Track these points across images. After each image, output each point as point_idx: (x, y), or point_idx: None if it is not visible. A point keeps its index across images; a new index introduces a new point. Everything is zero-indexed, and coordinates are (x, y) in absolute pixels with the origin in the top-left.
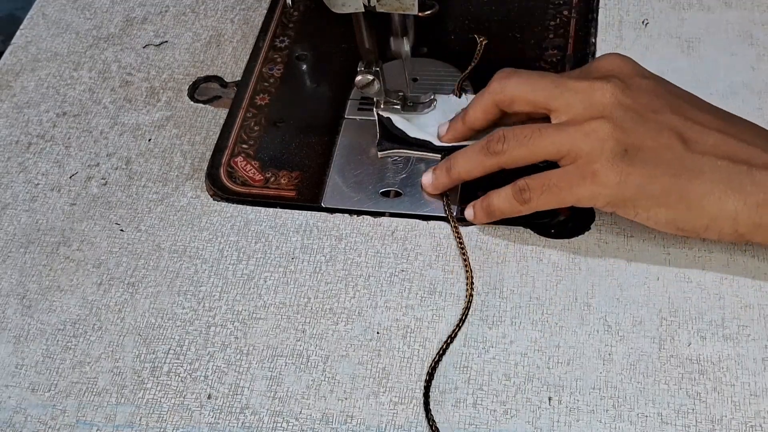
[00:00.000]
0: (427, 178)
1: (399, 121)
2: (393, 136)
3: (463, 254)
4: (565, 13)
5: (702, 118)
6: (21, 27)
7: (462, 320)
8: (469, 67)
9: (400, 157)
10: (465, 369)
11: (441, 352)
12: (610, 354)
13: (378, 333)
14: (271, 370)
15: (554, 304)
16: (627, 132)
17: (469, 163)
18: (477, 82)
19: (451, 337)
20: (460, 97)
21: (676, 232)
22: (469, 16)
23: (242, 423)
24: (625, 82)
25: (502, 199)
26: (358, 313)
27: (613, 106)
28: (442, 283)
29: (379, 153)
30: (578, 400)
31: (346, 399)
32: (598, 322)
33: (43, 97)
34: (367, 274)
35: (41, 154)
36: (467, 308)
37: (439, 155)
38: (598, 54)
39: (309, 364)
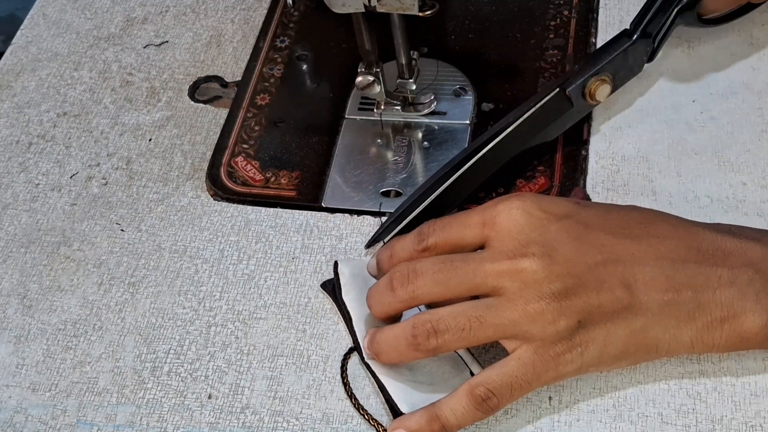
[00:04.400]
0: (366, 347)
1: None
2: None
3: None
4: (565, 13)
5: (631, 249)
6: (21, 27)
7: None
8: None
9: (400, 157)
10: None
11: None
12: None
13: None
14: (271, 369)
15: None
16: (572, 302)
17: (395, 355)
18: (477, 83)
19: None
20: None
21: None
22: (469, 16)
23: (243, 423)
24: (545, 245)
25: (459, 412)
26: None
27: (548, 281)
28: None
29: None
30: (578, 400)
31: (346, 399)
32: None
33: (44, 97)
34: None
35: (42, 154)
36: None
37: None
38: None
39: (309, 363)
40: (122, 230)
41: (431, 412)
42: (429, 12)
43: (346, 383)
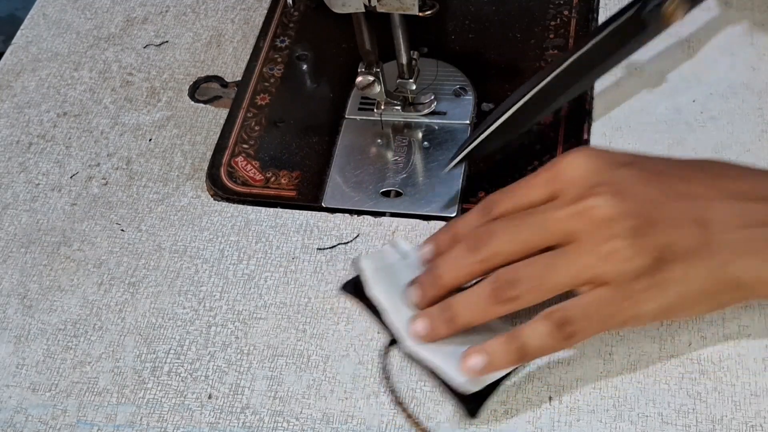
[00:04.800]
0: (420, 327)
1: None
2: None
3: None
4: (565, 13)
5: (701, 189)
6: (21, 27)
7: None
8: None
9: (400, 157)
10: None
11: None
12: (610, 354)
13: (378, 333)
14: (271, 369)
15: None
16: (646, 239)
17: (475, 313)
18: (477, 83)
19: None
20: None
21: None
22: (469, 16)
23: (243, 423)
24: (613, 185)
25: (538, 337)
26: (359, 312)
27: (620, 219)
28: None
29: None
30: (578, 400)
31: (346, 399)
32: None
33: (44, 97)
34: None
35: (42, 154)
36: None
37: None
38: None
39: (309, 363)
40: (122, 230)
41: (509, 335)
42: (429, 12)
43: (387, 377)
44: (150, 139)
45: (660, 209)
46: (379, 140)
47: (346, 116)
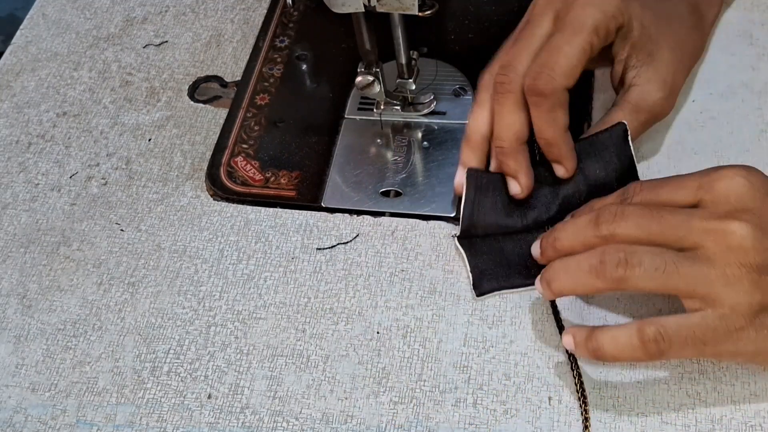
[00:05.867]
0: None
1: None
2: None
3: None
4: None
5: None
6: (21, 27)
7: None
8: None
9: (399, 156)
10: (465, 369)
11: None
12: None
13: (378, 333)
14: (271, 369)
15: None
16: None
17: (575, 284)
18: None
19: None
20: None
21: None
22: (469, 16)
23: (242, 423)
24: (761, 216)
25: (620, 346)
26: (358, 312)
27: (754, 253)
28: (442, 282)
29: (477, 295)
30: (578, 400)
31: (346, 399)
32: (598, 321)
33: (44, 97)
34: (367, 274)
35: (41, 154)
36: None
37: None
38: None
39: (309, 363)
40: (122, 230)
41: (592, 331)
42: (429, 12)
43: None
44: (149, 139)
45: None
46: (378, 140)
47: (346, 116)
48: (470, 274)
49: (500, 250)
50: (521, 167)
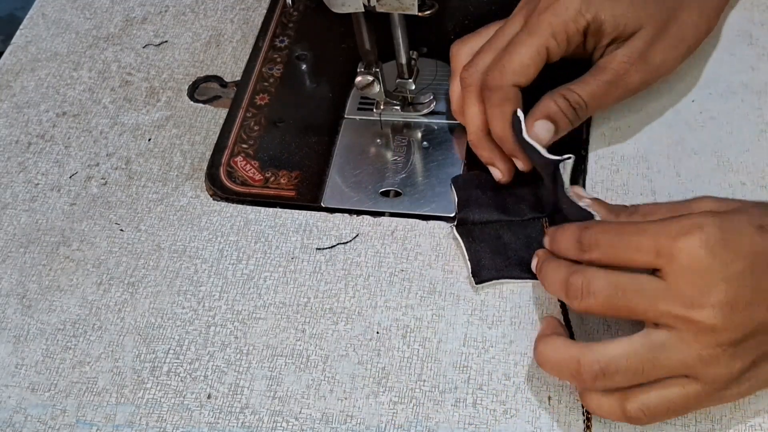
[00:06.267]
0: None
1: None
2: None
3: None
4: None
5: None
6: (21, 27)
7: None
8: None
9: (399, 156)
10: (465, 369)
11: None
12: None
13: (378, 333)
14: (270, 369)
15: (554, 304)
16: (748, 343)
17: (550, 289)
18: None
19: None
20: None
21: None
22: (469, 16)
23: (242, 423)
24: (728, 290)
25: (605, 413)
26: (358, 312)
27: (728, 332)
28: (442, 282)
29: (476, 284)
30: (578, 400)
31: (345, 399)
32: (598, 322)
33: (43, 96)
34: (366, 274)
35: (41, 154)
36: None
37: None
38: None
39: (309, 363)
40: (121, 230)
41: (582, 393)
42: (429, 12)
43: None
44: (149, 139)
45: (764, 318)
46: (378, 140)
47: (346, 116)
48: (468, 263)
49: (498, 238)
50: (495, 154)
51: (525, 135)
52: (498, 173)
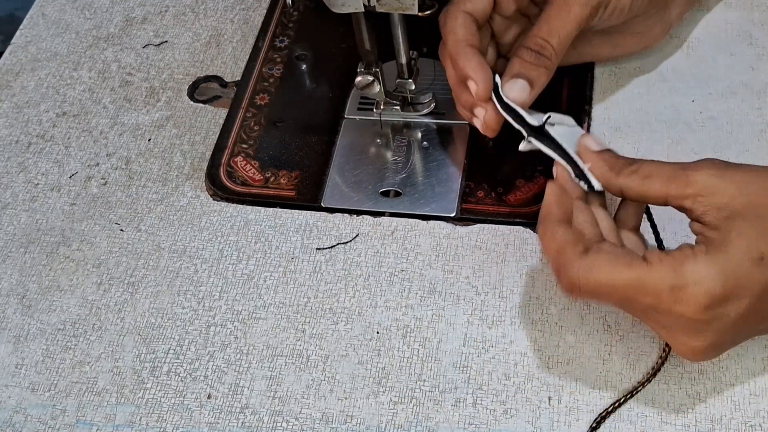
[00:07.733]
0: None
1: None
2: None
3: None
4: None
5: None
6: (21, 27)
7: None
8: None
9: (399, 156)
10: (465, 369)
11: (617, 404)
12: (609, 354)
13: (378, 333)
14: (270, 369)
15: (554, 304)
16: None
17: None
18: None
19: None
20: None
21: None
22: None
23: (242, 423)
24: (721, 334)
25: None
26: (358, 312)
27: (708, 358)
28: (442, 282)
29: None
30: (578, 400)
31: (345, 399)
32: (598, 321)
33: (43, 96)
34: (366, 274)
35: (41, 154)
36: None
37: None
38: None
39: (309, 363)
40: (121, 230)
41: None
42: (429, 12)
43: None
44: (149, 139)
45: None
46: (378, 140)
47: (346, 116)
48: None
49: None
50: (469, 65)
51: (505, 99)
52: (474, 85)
